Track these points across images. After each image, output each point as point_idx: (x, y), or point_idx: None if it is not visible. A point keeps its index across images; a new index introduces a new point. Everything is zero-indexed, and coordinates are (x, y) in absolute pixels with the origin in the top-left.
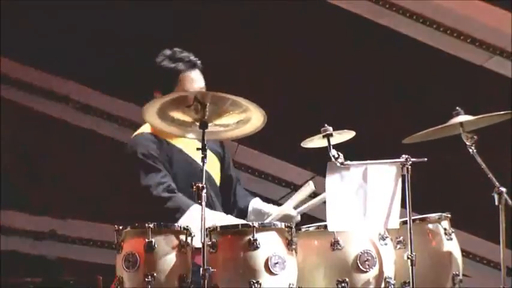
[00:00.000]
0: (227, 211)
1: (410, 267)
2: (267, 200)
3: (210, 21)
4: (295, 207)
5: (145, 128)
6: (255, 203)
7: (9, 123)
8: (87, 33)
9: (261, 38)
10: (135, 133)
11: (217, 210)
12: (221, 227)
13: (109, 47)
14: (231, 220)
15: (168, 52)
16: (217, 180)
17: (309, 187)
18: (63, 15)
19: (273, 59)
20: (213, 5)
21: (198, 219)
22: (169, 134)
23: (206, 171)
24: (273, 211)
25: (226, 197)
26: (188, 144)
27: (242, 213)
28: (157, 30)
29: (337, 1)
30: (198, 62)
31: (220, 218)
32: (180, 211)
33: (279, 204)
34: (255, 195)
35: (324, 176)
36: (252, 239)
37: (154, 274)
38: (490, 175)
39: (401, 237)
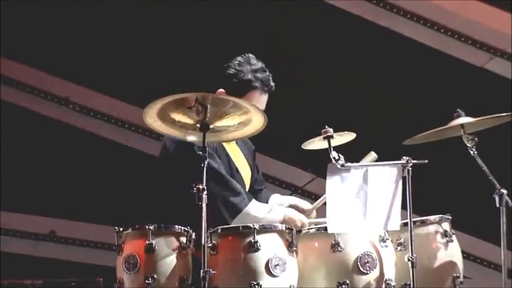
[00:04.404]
0: None
1: (411, 269)
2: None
3: (209, 22)
4: None
5: None
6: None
7: (9, 124)
8: (88, 34)
9: (261, 39)
10: None
11: None
12: (222, 228)
13: (109, 48)
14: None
15: (251, 61)
16: (248, 184)
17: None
18: (63, 16)
19: (273, 61)
20: (213, 6)
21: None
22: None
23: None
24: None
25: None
26: (234, 150)
27: None
28: (158, 31)
29: (337, 2)
30: (273, 88)
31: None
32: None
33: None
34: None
35: (325, 178)
36: (252, 240)
37: (155, 276)
38: (491, 177)
39: (402, 239)
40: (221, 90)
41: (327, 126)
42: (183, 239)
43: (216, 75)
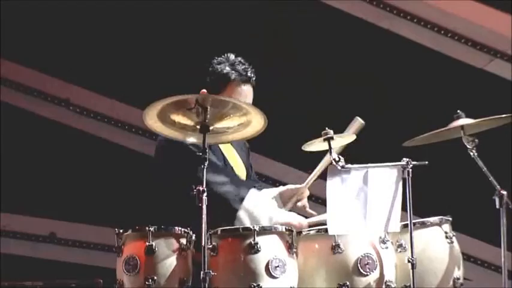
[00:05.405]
0: None
1: (411, 271)
2: None
3: (210, 23)
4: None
5: None
6: None
7: (9, 126)
8: (88, 36)
9: (261, 40)
10: None
11: None
12: (222, 230)
13: (109, 50)
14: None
15: (230, 57)
16: None
17: (358, 122)
18: (63, 17)
19: (273, 62)
20: (214, 7)
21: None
22: None
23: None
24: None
25: None
26: (228, 150)
27: None
28: (158, 32)
29: (338, 4)
30: (253, 78)
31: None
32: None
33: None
34: None
35: (325, 179)
36: (252, 242)
37: (155, 277)
38: (491, 178)
39: (402, 241)
40: (203, 90)
41: (327, 128)
42: (183, 241)
43: (199, 76)
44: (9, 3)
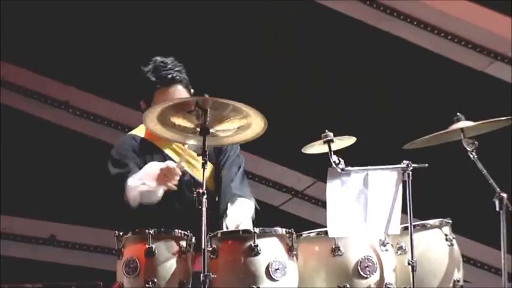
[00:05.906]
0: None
1: (411, 273)
2: (267, 205)
3: (209, 25)
4: None
5: (138, 131)
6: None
7: (9, 128)
8: (88, 38)
9: (262, 42)
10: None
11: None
12: (222, 232)
13: (109, 52)
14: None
15: (156, 62)
16: (207, 180)
17: None
18: (63, 19)
19: (274, 64)
20: (213, 8)
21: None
22: (163, 139)
23: (190, 174)
24: None
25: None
26: (177, 150)
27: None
28: (158, 34)
29: (338, 6)
30: (178, 77)
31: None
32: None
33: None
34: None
35: (325, 182)
36: (253, 244)
37: (155, 280)
38: (491, 181)
39: (402, 243)
40: (142, 101)
41: (327, 130)
42: (183, 243)
43: (199, 77)
44: (9, 5)
